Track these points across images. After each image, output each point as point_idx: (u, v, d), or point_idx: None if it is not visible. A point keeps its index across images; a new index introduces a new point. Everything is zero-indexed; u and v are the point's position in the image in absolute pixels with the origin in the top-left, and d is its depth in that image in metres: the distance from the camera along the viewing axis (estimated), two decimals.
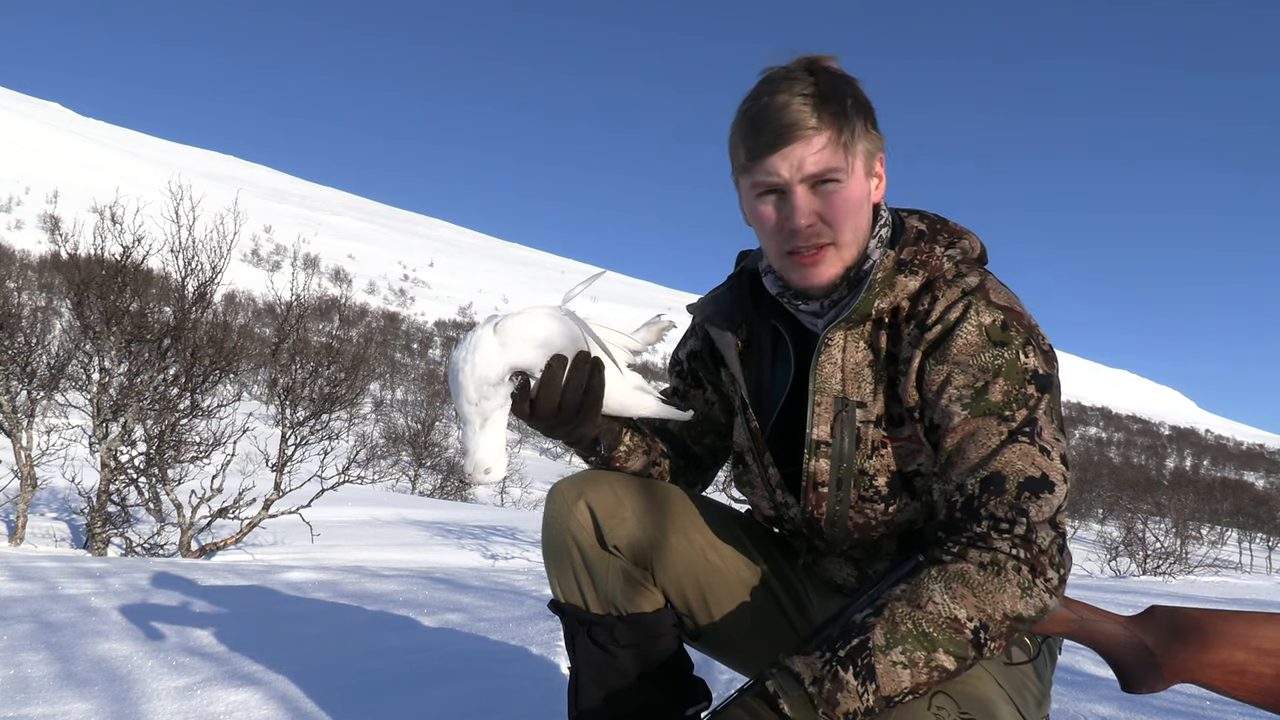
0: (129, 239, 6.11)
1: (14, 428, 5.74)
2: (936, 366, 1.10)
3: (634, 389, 1.23)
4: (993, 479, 1.03)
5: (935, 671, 0.97)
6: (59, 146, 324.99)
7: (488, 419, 1.14)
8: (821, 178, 1.13)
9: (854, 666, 0.96)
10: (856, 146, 1.14)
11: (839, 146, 1.13)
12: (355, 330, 59.20)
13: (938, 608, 0.98)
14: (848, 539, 1.22)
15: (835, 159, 1.13)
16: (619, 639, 1.28)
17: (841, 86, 1.14)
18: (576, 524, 1.28)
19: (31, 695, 1.79)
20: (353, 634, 2.66)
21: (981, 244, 1.21)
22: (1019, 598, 1.00)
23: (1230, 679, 1.15)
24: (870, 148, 1.17)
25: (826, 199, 1.14)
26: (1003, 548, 1.00)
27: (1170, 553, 12.34)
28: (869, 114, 1.16)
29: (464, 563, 7.12)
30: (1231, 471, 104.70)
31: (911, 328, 1.14)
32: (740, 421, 1.32)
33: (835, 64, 1.16)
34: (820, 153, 1.13)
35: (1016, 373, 1.07)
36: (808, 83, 1.13)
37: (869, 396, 1.17)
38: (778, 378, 1.29)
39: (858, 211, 1.16)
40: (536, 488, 27.53)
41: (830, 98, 1.12)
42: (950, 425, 1.08)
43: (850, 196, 1.15)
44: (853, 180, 1.14)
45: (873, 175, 1.18)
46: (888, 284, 1.15)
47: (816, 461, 1.19)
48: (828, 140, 1.12)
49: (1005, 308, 1.11)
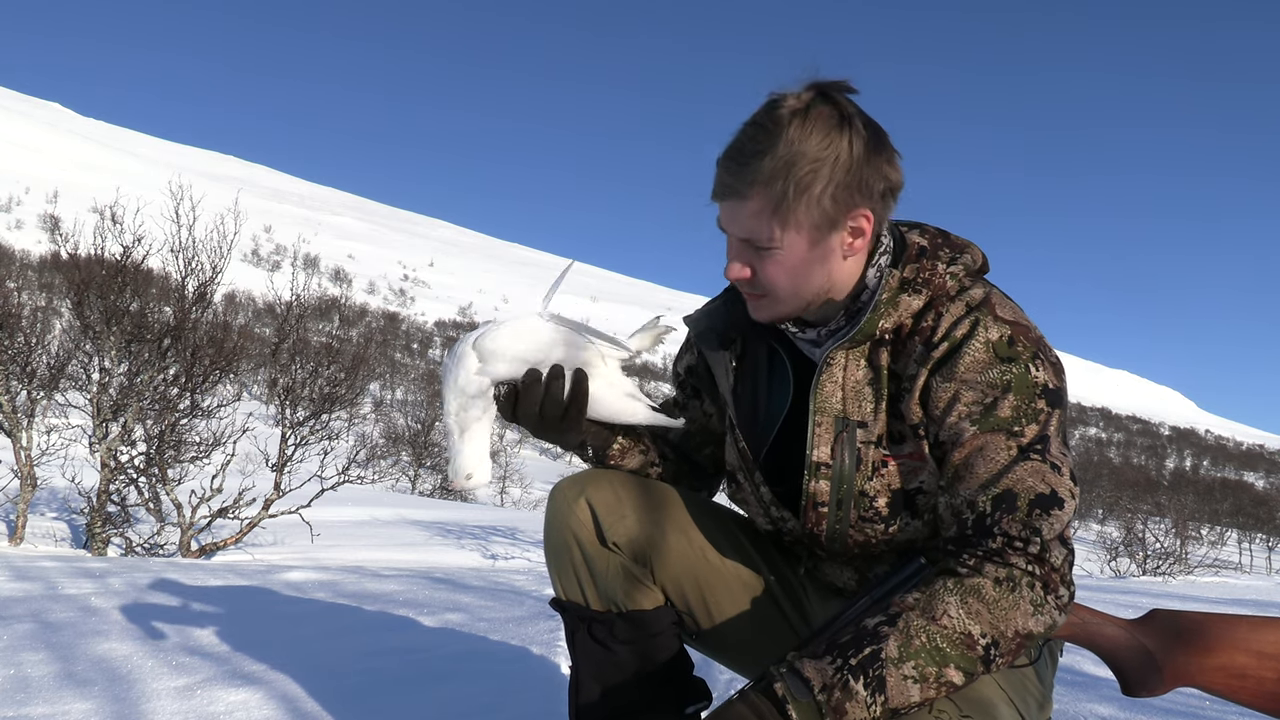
0: (129, 239, 6.12)
1: (14, 428, 5.74)
2: (944, 384, 1.09)
3: (624, 396, 1.23)
4: (1005, 496, 1.03)
5: (944, 687, 0.97)
6: (59, 146, 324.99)
7: (467, 429, 1.19)
8: (751, 243, 1.12)
9: (865, 677, 0.95)
10: (795, 219, 1.08)
11: (772, 218, 1.09)
12: (355, 330, 59.22)
13: (953, 622, 0.97)
14: (848, 553, 1.22)
15: (763, 229, 1.10)
16: (618, 635, 1.28)
17: (782, 146, 1.06)
18: (577, 521, 1.29)
19: (32, 695, 1.79)
20: (353, 634, 2.66)
21: (983, 255, 1.20)
22: (1030, 615, 0.99)
23: (1231, 683, 1.14)
24: (825, 216, 1.09)
25: (759, 260, 1.13)
26: (1019, 564, 1.00)
27: (1170, 553, 12.35)
28: (835, 177, 1.07)
29: (464, 563, 7.12)
30: (1231, 472, 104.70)
31: (916, 345, 1.13)
32: (730, 441, 1.32)
33: (839, 94, 1.09)
34: (749, 219, 1.10)
35: (1026, 387, 1.06)
36: (768, 136, 1.08)
37: (869, 415, 1.16)
38: (775, 395, 1.28)
39: (796, 276, 1.12)
40: (536, 488, 27.54)
41: (762, 158, 1.07)
42: (959, 441, 1.07)
43: (785, 263, 1.11)
44: (791, 251, 1.10)
45: (838, 234, 1.11)
46: (891, 304, 1.14)
47: (816, 483, 1.18)
48: (757, 210, 1.09)
49: (1012, 322, 1.10)
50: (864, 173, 1.09)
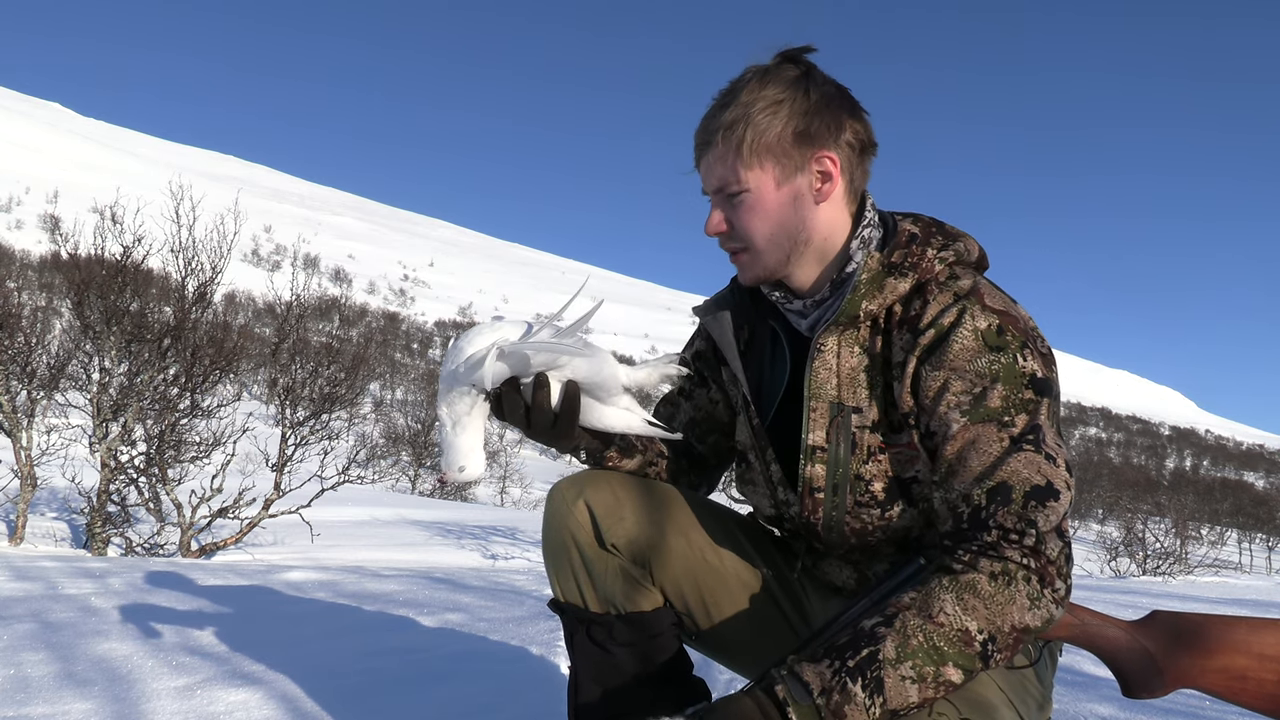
0: (129, 239, 6.12)
1: (14, 428, 5.74)
2: (933, 373, 1.09)
3: (619, 410, 1.23)
4: (999, 489, 1.02)
5: (942, 687, 0.97)
6: (59, 146, 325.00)
7: (458, 421, 1.20)
8: (724, 191, 1.18)
9: (863, 679, 0.95)
10: (758, 158, 1.15)
11: (735, 160, 1.15)
12: (355, 330, 59.23)
13: (949, 619, 0.97)
14: (845, 543, 1.22)
15: (729, 174, 1.16)
16: (617, 637, 1.28)
17: (744, 95, 1.15)
18: (575, 523, 1.29)
19: (32, 695, 1.79)
20: (352, 634, 2.66)
21: (980, 247, 1.20)
22: (1027, 609, 0.99)
23: (1232, 685, 1.14)
24: (787, 155, 1.15)
25: (734, 210, 1.19)
26: (1014, 557, 0.99)
27: (1170, 553, 12.34)
28: (794, 118, 1.14)
29: (464, 563, 7.12)
30: (1231, 472, 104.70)
31: (904, 332, 1.13)
32: (743, 420, 1.32)
33: (803, 55, 1.17)
34: (716, 165, 1.17)
35: (1015, 377, 1.06)
36: (732, 91, 1.16)
37: (864, 402, 1.16)
38: (775, 378, 1.29)
39: (769, 219, 1.17)
40: (536, 488, 27.54)
41: (726, 110, 1.15)
42: (949, 433, 1.06)
43: (757, 206, 1.17)
44: (760, 192, 1.16)
45: (805, 177, 1.16)
46: (875, 286, 1.14)
47: (813, 467, 1.19)
48: (722, 154, 1.16)
49: (1001, 311, 1.09)
50: (824, 116, 1.15)
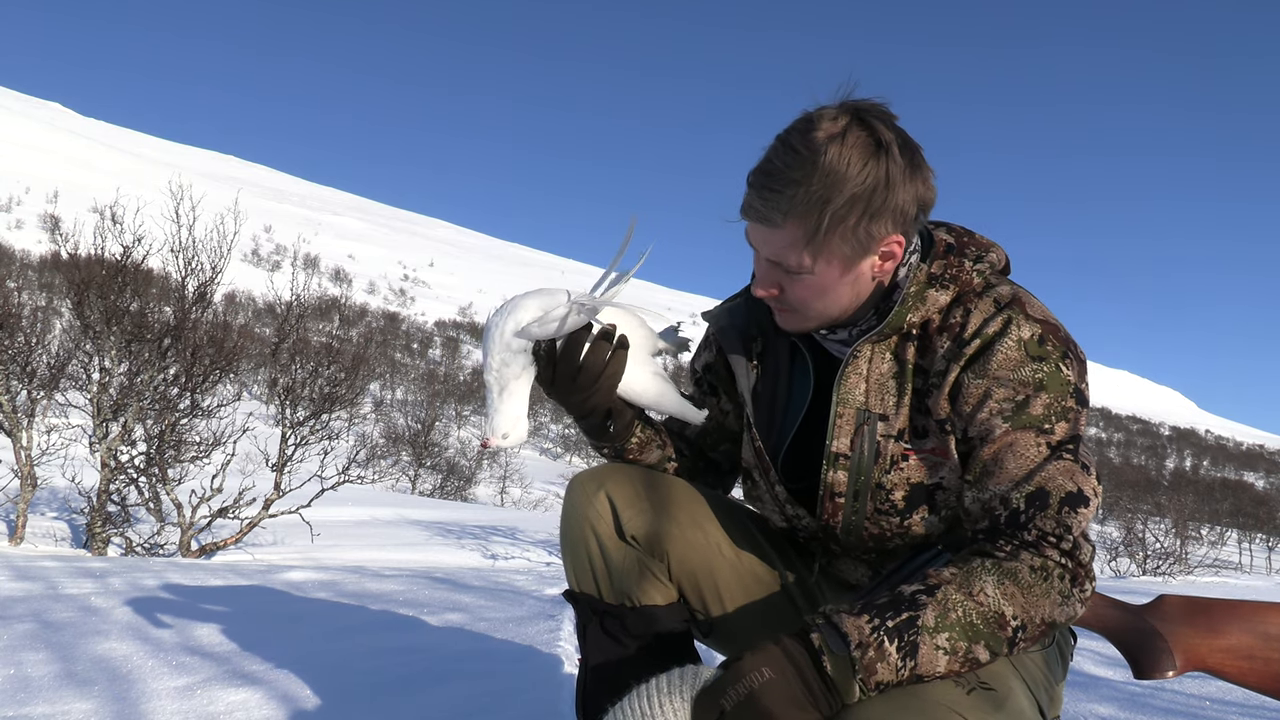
0: (129, 239, 6.13)
1: (14, 427, 5.74)
2: (975, 381, 1.10)
3: (654, 375, 1.26)
4: (1038, 494, 1.05)
5: (969, 663, 0.99)
6: (59, 146, 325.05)
7: (506, 387, 1.19)
8: (781, 266, 1.14)
9: (899, 640, 0.96)
10: (828, 251, 1.10)
11: (805, 249, 1.10)
12: (355, 330, 59.20)
13: (989, 600, 1.00)
14: (863, 546, 1.23)
15: (795, 257, 1.11)
16: (630, 629, 1.29)
17: (834, 187, 1.06)
18: (595, 514, 1.29)
19: (32, 695, 1.79)
20: (353, 634, 2.66)
21: (1006, 256, 1.22)
22: (1059, 605, 1.02)
23: (1239, 664, 1.20)
24: (859, 246, 1.10)
25: (789, 281, 1.15)
26: (1053, 556, 1.03)
27: (1170, 553, 12.35)
28: (869, 213, 1.08)
29: (464, 563, 7.13)
30: (1231, 472, 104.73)
31: (945, 340, 1.14)
32: (747, 440, 1.33)
33: (875, 119, 1.08)
34: (782, 248, 1.12)
35: (1059, 385, 1.09)
36: (802, 164, 1.07)
37: (892, 409, 1.17)
38: (796, 390, 1.29)
39: (825, 298, 1.15)
40: (536, 488, 27.57)
41: (809, 203, 1.07)
42: (990, 437, 1.09)
43: (814, 286, 1.14)
44: (820, 275, 1.13)
45: (870, 258, 1.13)
46: (919, 298, 1.16)
47: (835, 473, 1.20)
48: (791, 240, 1.10)
49: (1042, 320, 1.12)
50: (899, 200, 1.09)
